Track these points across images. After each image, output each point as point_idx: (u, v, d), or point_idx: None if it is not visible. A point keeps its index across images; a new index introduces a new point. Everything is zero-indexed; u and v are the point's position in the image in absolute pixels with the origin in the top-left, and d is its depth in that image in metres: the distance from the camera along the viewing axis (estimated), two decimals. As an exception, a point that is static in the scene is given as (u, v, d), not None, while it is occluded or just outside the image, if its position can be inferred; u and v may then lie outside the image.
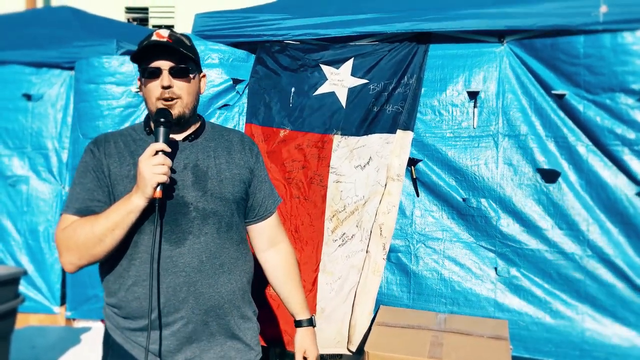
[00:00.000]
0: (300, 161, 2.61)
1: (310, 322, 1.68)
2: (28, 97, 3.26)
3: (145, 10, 9.01)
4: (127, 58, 2.95)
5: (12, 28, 3.62)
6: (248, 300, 1.58)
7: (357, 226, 2.53)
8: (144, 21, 9.02)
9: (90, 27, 3.69)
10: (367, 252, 2.49)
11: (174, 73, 1.42)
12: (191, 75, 1.46)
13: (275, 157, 2.64)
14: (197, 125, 1.54)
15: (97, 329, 2.69)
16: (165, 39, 1.42)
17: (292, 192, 2.61)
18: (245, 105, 2.74)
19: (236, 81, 2.71)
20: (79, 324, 3.10)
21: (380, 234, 2.46)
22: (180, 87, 1.43)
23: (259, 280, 1.73)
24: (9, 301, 2.01)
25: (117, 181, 1.42)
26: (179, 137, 1.50)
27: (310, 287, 2.53)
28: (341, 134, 2.59)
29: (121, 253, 1.41)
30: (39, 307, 3.18)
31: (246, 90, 2.74)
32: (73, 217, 1.40)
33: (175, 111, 1.43)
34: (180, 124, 1.46)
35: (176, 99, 1.42)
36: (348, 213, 2.55)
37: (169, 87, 1.41)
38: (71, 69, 3.22)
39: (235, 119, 2.74)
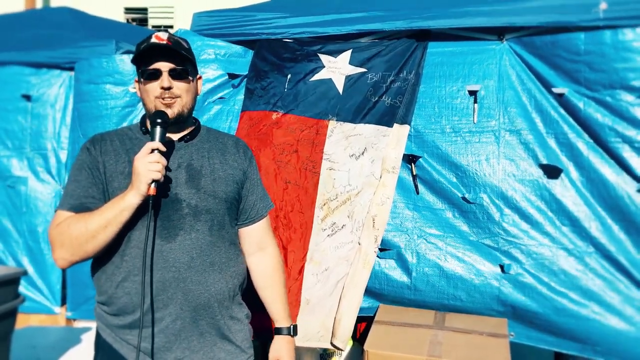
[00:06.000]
0: (292, 144, 2.56)
1: (289, 331, 1.68)
2: (27, 97, 3.26)
3: (144, 10, 9.01)
4: (126, 58, 2.95)
5: (11, 29, 3.62)
6: (239, 302, 1.58)
7: (348, 217, 2.50)
8: (143, 21, 9.02)
9: (89, 27, 3.69)
10: (358, 244, 2.47)
11: (174, 75, 1.45)
12: (190, 77, 1.49)
13: (265, 138, 2.58)
14: (193, 127, 1.57)
15: (97, 329, 2.70)
16: (164, 42, 1.44)
17: (282, 176, 2.54)
18: (241, 100, 2.72)
19: (233, 76, 2.71)
20: (79, 324, 3.10)
21: (373, 226, 2.44)
22: (179, 87, 1.46)
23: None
24: (9, 301, 2.01)
25: (112, 177, 1.44)
26: (174, 137, 1.52)
27: (296, 277, 2.48)
28: (336, 120, 2.56)
29: (113, 250, 1.42)
30: (39, 307, 3.18)
31: (243, 83, 2.73)
32: (67, 213, 1.41)
33: (175, 110, 1.45)
34: (178, 122, 1.48)
35: (175, 98, 1.45)
36: (340, 202, 2.51)
37: (169, 88, 1.44)
38: (70, 69, 3.21)
39: (232, 114, 2.73)
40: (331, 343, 2.44)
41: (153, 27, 8.92)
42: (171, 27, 8.77)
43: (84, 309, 3.07)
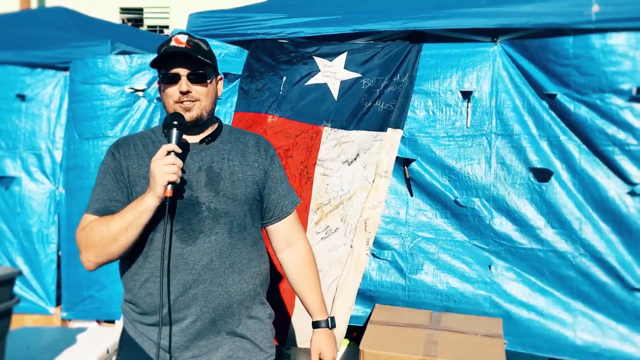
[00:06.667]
0: (287, 149, 2.59)
1: (328, 324, 1.68)
2: (22, 97, 3.25)
3: (140, 10, 8.99)
4: (121, 58, 2.95)
5: (6, 28, 3.61)
6: (260, 302, 1.59)
7: (341, 220, 2.52)
8: (138, 22, 9.00)
9: (85, 27, 3.69)
10: (351, 246, 2.49)
11: (192, 79, 1.47)
12: (208, 80, 1.50)
13: None
14: (214, 127, 1.58)
15: (92, 329, 2.69)
16: (183, 45, 1.46)
17: None
18: (236, 98, 2.73)
19: (228, 75, 2.71)
20: (74, 324, 3.09)
21: (365, 229, 2.46)
22: (198, 91, 1.48)
23: (272, 278, 1.73)
24: (4, 302, 2.00)
25: (135, 182, 1.47)
26: (195, 139, 1.53)
27: None
28: (331, 127, 2.58)
29: (137, 251, 1.46)
30: (34, 307, 3.17)
31: (237, 83, 2.73)
32: (93, 216, 1.45)
33: (194, 113, 1.48)
34: (198, 125, 1.51)
35: (195, 101, 1.47)
36: (333, 206, 2.54)
37: (187, 92, 1.46)
38: (65, 69, 3.21)
39: (228, 114, 2.73)
40: None
41: (149, 27, 8.90)
42: (167, 27, 8.76)
43: (79, 309, 3.07)
